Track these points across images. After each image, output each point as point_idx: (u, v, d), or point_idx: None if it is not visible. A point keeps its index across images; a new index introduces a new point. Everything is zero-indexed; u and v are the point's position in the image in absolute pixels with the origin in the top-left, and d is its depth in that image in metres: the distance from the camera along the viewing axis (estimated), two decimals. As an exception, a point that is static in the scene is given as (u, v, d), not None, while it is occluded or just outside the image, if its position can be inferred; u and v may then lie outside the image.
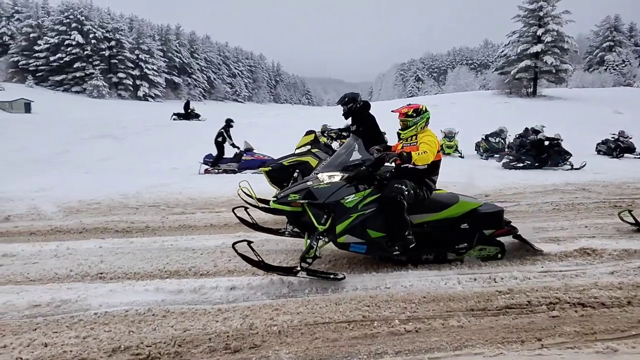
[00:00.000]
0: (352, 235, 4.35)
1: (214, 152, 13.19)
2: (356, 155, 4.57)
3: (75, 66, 76.63)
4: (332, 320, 3.61)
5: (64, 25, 77.84)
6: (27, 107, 51.06)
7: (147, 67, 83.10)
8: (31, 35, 77.35)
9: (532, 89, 43.25)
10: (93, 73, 75.62)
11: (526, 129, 17.79)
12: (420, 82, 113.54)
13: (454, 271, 4.64)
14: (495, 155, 16.68)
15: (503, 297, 4.02)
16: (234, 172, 12.77)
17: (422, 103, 5.14)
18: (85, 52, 77.48)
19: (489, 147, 17.49)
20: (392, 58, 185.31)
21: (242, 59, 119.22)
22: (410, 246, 4.45)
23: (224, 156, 13.29)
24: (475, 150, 18.02)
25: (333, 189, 4.36)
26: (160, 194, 8.32)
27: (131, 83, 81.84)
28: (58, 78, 76.10)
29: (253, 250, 4.16)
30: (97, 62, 78.57)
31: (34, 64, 76.01)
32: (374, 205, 4.41)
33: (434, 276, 4.49)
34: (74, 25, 77.78)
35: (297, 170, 6.83)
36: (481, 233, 4.78)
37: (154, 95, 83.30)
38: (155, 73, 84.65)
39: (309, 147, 7.16)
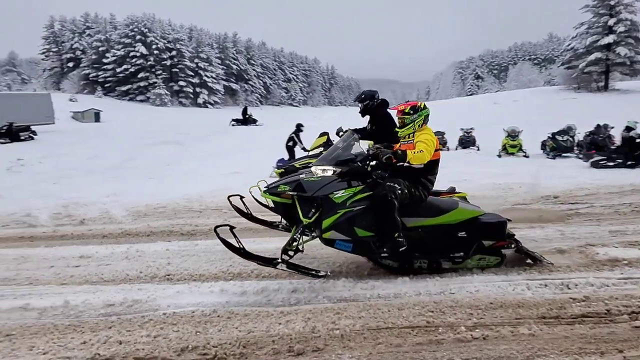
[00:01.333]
0: (338, 232, 4.26)
1: (286, 157, 13.29)
2: (352, 151, 4.53)
3: (139, 76, 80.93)
4: (395, 325, 3.56)
5: (129, 38, 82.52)
6: (97, 117, 54.41)
7: (206, 75, 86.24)
8: (100, 49, 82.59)
9: (603, 83, 40.64)
10: (156, 82, 79.49)
11: (598, 125, 16.74)
12: (480, 80, 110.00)
13: (522, 276, 4.45)
14: (564, 155, 15.81)
15: (578, 305, 3.80)
16: None
17: (482, 101, 4.92)
18: (149, 63, 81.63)
19: (557, 146, 16.58)
20: (449, 56, 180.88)
21: (297, 63, 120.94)
22: (401, 249, 4.26)
23: None
24: (542, 149, 17.15)
25: (323, 183, 4.29)
26: (222, 198, 8.56)
27: (191, 91, 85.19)
28: (124, 88, 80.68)
29: (235, 236, 4.16)
30: (159, 72, 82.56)
31: (103, 75, 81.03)
32: (364, 203, 4.28)
33: (501, 281, 4.33)
34: (138, 37, 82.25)
35: None
36: (480, 243, 4.57)
37: (213, 102, 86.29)
38: (214, 80, 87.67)
39: (321, 149, 7.10)
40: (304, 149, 13.26)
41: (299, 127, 13.74)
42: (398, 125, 4.79)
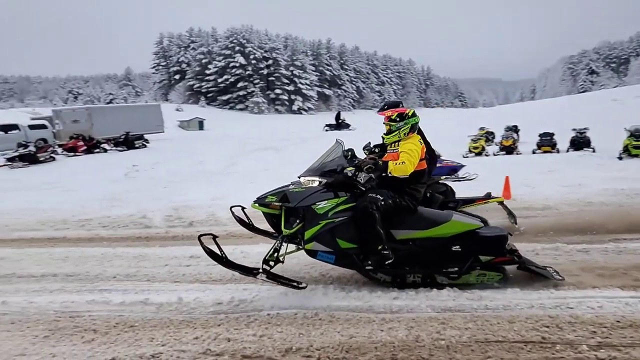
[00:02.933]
0: (320, 243, 4.22)
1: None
2: (338, 161, 4.48)
3: (238, 86, 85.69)
4: (505, 339, 3.38)
5: (228, 49, 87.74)
6: (201, 125, 58.56)
7: (300, 82, 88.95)
8: (203, 61, 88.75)
9: None
10: (254, 91, 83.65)
11: None
12: (595, 75, 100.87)
13: (655, 294, 3.99)
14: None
15: None
16: None
17: (598, 98, 4.48)
18: (247, 72, 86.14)
19: (693, 147, 14.66)
20: (557, 51, 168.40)
21: (391, 65, 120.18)
22: (387, 262, 4.14)
23: None
24: (674, 150, 15.27)
25: (307, 194, 4.27)
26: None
27: (287, 98, 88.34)
28: (225, 97, 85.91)
29: (218, 245, 4.24)
30: (256, 81, 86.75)
31: (205, 86, 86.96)
32: (346, 214, 4.21)
33: (629, 298, 3.92)
34: (237, 48, 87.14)
35: None
36: (476, 258, 4.27)
37: (307, 108, 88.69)
38: (308, 87, 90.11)
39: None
40: None
41: None
42: (385, 131, 4.64)
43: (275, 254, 4.31)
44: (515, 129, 20.90)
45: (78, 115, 28.83)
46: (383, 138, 4.72)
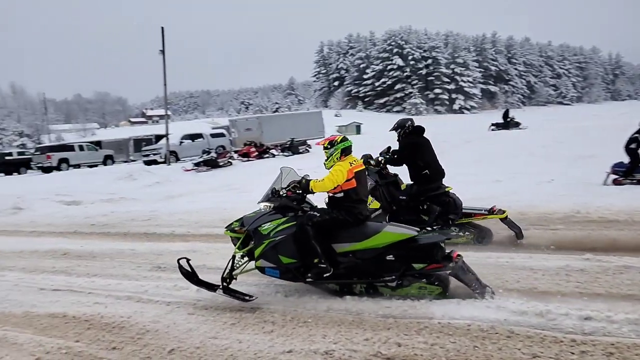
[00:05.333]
0: (266, 260, 4.75)
1: (625, 160, 11.65)
2: (277, 185, 5.05)
3: (396, 88, 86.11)
4: None
5: (386, 52, 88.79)
6: (358, 129, 60.25)
7: (462, 80, 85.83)
8: (361, 65, 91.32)
9: None
10: (411, 92, 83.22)
11: None
12: None
13: None
14: None
15: None
16: None
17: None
18: (405, 74, 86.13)
19: None
20: None
21: (569, 56, 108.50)
22: (325, 275, 4.54)
23: None
24: None
25: (256, 217, 4.91)
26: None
27: (447, 97, 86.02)
28: (381, 101, 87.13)
29: (190, 266, 4.92)
30: (414, 82, 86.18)
31: (363, 90, 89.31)
32: (285, 232, 4.68)
33: None
34: (395, 50, 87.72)
35: None
36: (409, 266, 4.43)
37: (469, 107, 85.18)
38: (471, 85, 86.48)
39: None
40: None
41: None
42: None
43: (234, 272, 4.91)
44: None
45: (250, 124, 31.96)
46: (324, 164, 5.11)
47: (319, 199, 5.20)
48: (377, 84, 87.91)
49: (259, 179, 16.80)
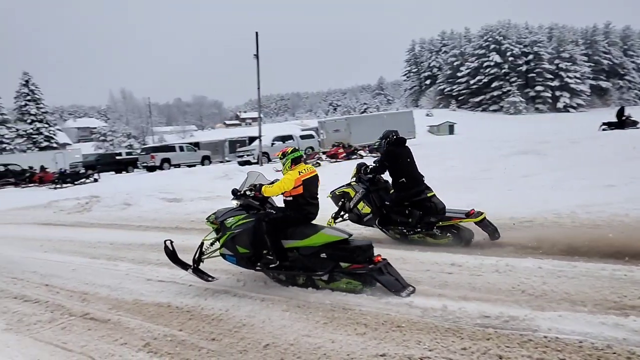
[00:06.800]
0: (227, 248, 5.59)
1: None
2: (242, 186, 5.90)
3: (492, 86, 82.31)
4: None
5: (482, 48, 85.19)
6: (451, 129, 58.49)
7: (568, 76, 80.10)
8: (454, 63, 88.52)
9: None
10: (510, 90, 79.08)
11: None
12: None
13: None
14: None
15: None
16: None
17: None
18: (503, 71, 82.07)
19: None
20: None
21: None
22: (271, 265, 5.38)
23: None
24: None
25: (225, 211, 5.81)
26: (601, 215, 7.64)
27: (549, 95, 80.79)
28: (477, 99, 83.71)
29: (173, 247, 5.89)
30: (513, 79, 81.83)
31: (457, 89, 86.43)
32: (243, 227, 5.48)
33: None
34: (492, 46, 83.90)
35: (343, 199, 7.95)
36: (337, 264, 5.12)
37: (575, 105, 79.36)
38: (578, 81, 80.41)
39: (353, 179, 8.04)
40: None
41: None
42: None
43: (202, 256, 5.78)
44: None
45: (338, 125, 32.31)
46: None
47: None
48: (472, 82, 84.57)
49: (345, 179, 16.94)
